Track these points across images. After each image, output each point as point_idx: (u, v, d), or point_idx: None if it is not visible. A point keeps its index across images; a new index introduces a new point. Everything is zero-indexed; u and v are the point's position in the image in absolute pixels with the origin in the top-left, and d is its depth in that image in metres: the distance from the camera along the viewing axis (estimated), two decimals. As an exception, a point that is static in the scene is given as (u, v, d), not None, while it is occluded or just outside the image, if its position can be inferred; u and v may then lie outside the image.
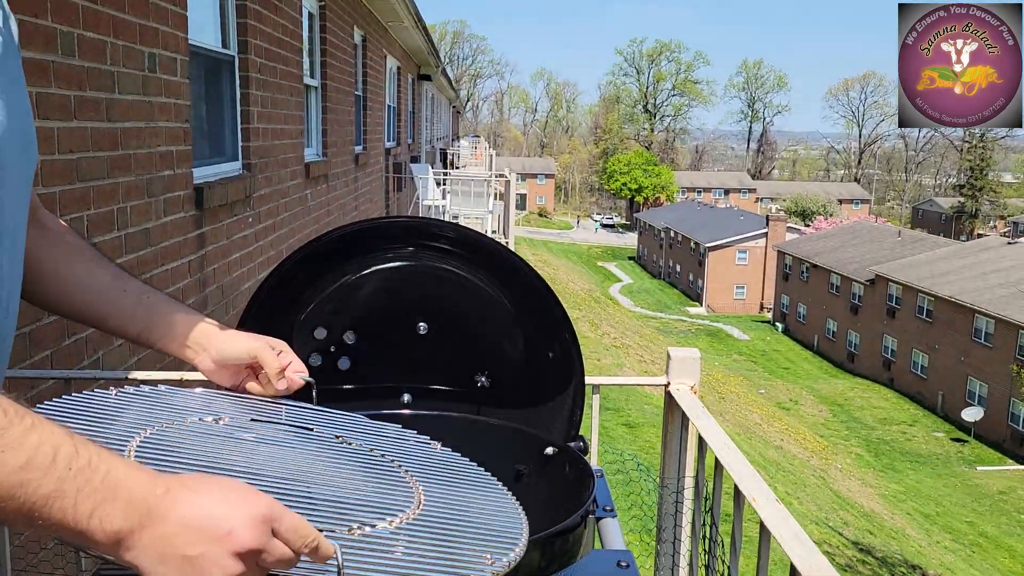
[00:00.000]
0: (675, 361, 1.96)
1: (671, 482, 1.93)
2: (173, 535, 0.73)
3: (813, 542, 1.26)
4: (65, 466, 0.70)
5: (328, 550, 0.81)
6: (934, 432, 31.07)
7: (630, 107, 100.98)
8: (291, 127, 6.09)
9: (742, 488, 1.43)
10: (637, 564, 1.80)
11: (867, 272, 38.71)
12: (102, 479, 0.72)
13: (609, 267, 65.68)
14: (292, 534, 0.78)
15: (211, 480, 0.79)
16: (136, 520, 0.73)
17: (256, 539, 0.76)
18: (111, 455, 0.75)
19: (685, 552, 1.93)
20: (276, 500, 0.79)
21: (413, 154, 16.20)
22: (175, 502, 0.75)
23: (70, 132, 2.73)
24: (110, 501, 0.72)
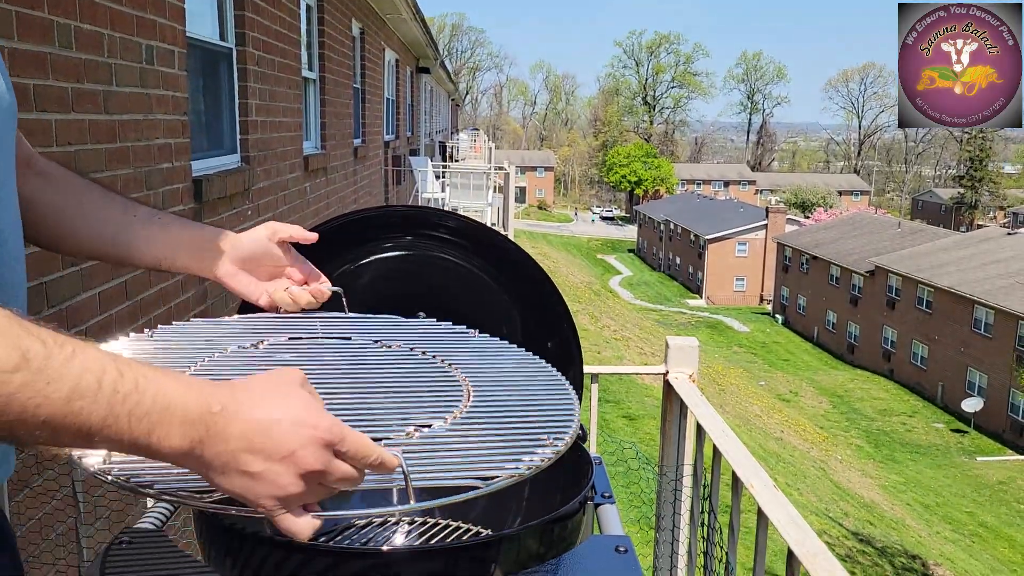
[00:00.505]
0: (673, 350, 1.96)
1: (670, 470, 1.94)
2: (234, 452, 0.73)
3: (810, 528, 1.26)
4: (112, 390, 0.68)
5: (392, 462, 0.80)
6: (934, 423, 31.13)
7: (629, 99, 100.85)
8: (290, 120, 6.08)
9: (740, 474, 1.43)
10: (636, 552, 1.81)
11: (867, 263, 38.72)
12: (152, 400, 0.70)
13: (609, 260, 65.67)
14: (355, 454, 0.77)
15: (270, 389, 0.77)
16: (196, 437, 0.72)
17: (319, 461, 0.75)
18: (159, 374, 0.73)
19: (684, 539, 1.94)
20: (337, 419, 0.77)
21: (412, 147, 16.19)
22: (233, 418, 0.73)
23: (68, 124, 2.73)
24: (165, 422, 0.71)
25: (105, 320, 2.96)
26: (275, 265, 1.25)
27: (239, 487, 0.75)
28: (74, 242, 1.18)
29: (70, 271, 2.70)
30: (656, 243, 63.70)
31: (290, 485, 0.75)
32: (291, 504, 0.77)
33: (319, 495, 0.78)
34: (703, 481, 1.79)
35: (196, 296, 4.08)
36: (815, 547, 1.16)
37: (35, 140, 2.53)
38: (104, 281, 2.97)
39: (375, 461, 0.79)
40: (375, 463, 0.79)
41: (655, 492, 2.25)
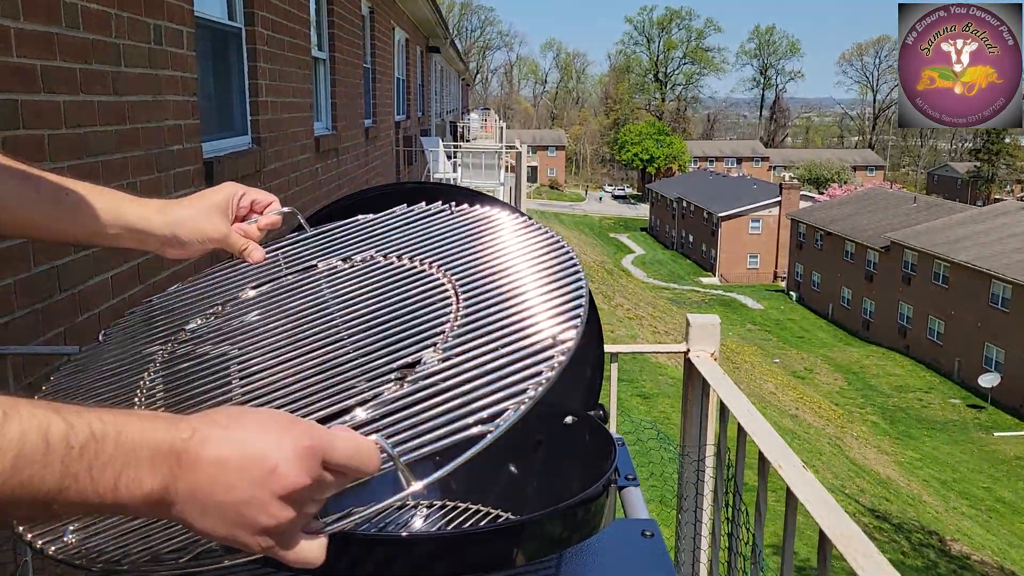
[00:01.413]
0: (695, 327, 1.92)
1: (692, 451, 1.90)
2: (210, 481, 0.64)
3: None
4: (64, 446, 0.59)
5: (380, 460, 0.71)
6: (950, 399, 30.98)
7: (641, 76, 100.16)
8: (300, 100, 6.04)
9: (767, 455, 1.40)
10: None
11: (882, 239, 38.42)
12: (114, 444, 0.61)
13: (621, 239, 65.49)
14: (345, 461, 0.68)
15: (243, 412, 0.69)
16: (167, 473, 0.63)
17: (304, 477, 0.65)
18: (116, 414, 0.64)
19: (707, 521, 1.91)
20: (320, 427, 0.69)
21: (423, 127, 16.12)
22: (205, 442, 0.64)
23: (78, 106, 2.70)
24: (132, 464, 0.62)
25: (118, 304, 2.94)
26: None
27: (224, 526, 0.65)
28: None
29: (82, 255, 2.68)
30: (669, 221, 63.42)
31: (278, 511, 0.65)
32: (287, 534, 0.67)
33: (313, 511, 0.69)
34: (727, 462, 1.75)
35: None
36: (849, 529, 1.13)
37: (44, 122, 2.51)
38: (116, 265, 2.96)
39: (368, 466, 0.70)
40: (368, 469, 0.70)
41: (674, 472, 2.22)
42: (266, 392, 0.93)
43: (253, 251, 1.12)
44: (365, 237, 1.16)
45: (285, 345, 0.97)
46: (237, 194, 1.13)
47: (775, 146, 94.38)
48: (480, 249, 1.05)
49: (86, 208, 1.05)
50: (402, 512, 1.50)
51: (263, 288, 1.13)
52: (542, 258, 1.00)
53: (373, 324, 0.94)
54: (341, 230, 1.19)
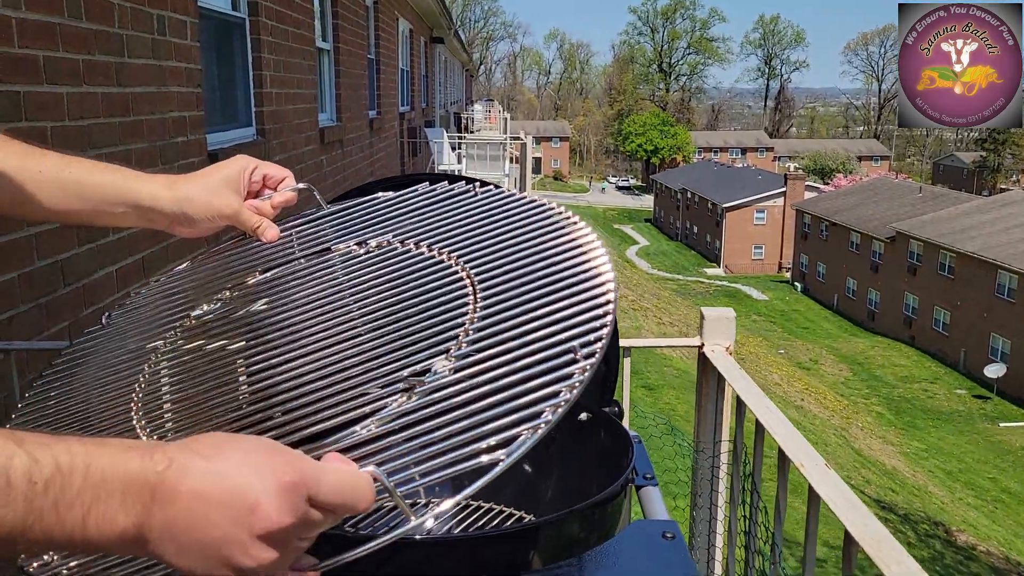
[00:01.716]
0: (709, 321, 1.89)
1: (707, 446, 1.87)
2: (187, 515, 0.59)
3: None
4: (27, 482, 0.55)
5: (373, 495, 0.65)
6: (956, 389, 30.90)
7: (645, 67, 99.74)
8: (305, 92, 6.00)
9: (788, 453, 1.36)
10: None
11: (888, 229, 38.27)
12: (83, 477, 0.57)
13: (625, 229, 65.36)
14: (334, 496, 0.63)
15: (225, 440, 0.63)
16: (141, 509, 0.58)
17: (288, 516, 0.60)
18: (86, 444, 0.59)
19: (723, 518, 1.88)
20: (307, 459, 0.63)
21: (427, 119, 16.06)
22: (183, 474, 0.59)
23: (80, 98, 2.67)
24: (103, 498, 0.57)
25: (123, 298, 2.91)
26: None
27: (204, 565, 0.60)
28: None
29: (85, 248, 2.65)
30: (673, 212, 63.27)
31: (260, 552, 0.60)
32: (270, 573, 0.62)
33: (300, 550, 0.64)
34: (743, 458, 1.72)
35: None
36: (877, 532, 1.09)
37: (47, 114, 2.47)
38: (121, 258, 2.93)
39: (360, 503, 0.65)
40: (361, 506, 0.65)
41: (684, 467, 2.18)
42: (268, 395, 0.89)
43: (266, 229, 1.06)
44: (384, 218, 1.09)
45: (292, 341, 0.93)
46: (249, 168, 1.07)
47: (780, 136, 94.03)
48: (504, 240, 0.98)
49: (90, 186, 1.00)
50: (411, 511, 1.47)
51: (273, 272, 1.07)
52: (570, 254, 0.93)
53: (384, 323, 0.89)
54: (359, 209, 1.13)
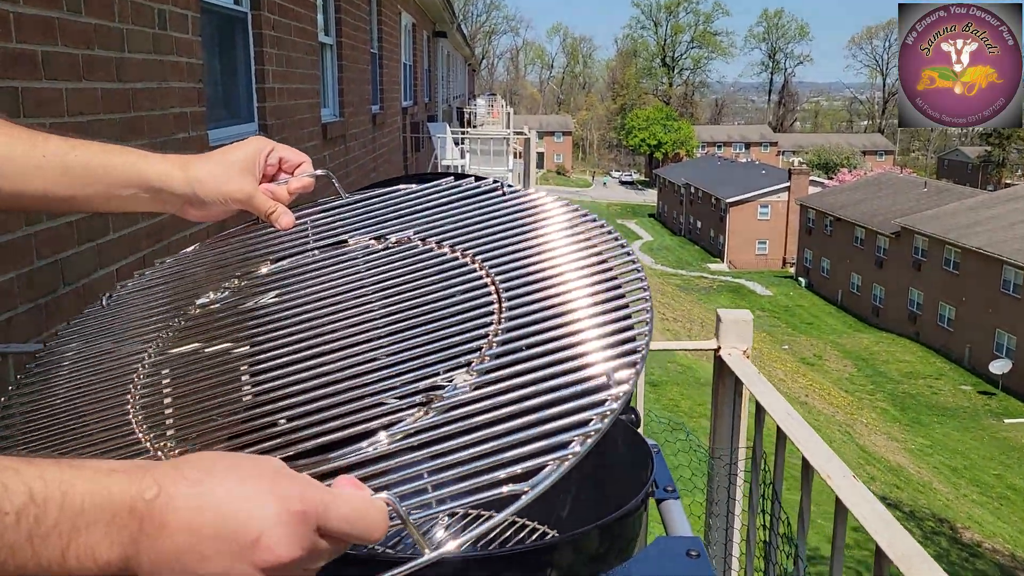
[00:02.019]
0: (726, 324, 1.83)
1: (724, 453, 1.82)
2: (177, 550, 0.54)
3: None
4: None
5: (383, 527, 0.60)
6: (961, 385, 30.82)
7: (648, 61, 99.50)
8: (307, 87, 5.94)
9: (813, 463, 1.31)
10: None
11: (892, 225, 38.14)
12: (58, 509, 0.51)
13: (629, 225, 65.26)
14: (345, 528, 0.58)
15: (220, 461, 0.57)
16: (127, 540, 0.53)
17: (295, 549, 0.55)
18: (63, 468, 0.53)
19: (739, 526, 1.82)
20: (315, 484, 0.58)
21: (430, 113, 15.99)
22: (173, 503, 0.54)
23: (79, 93, 2.61)
24: (82, 531, 0.52)
25: (124, 297, 2.86)
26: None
27: None
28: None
29: (86, 247, 2.61)
30: (677, 207, 63.15)
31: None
32: None
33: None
34: (763, 466, 1.66)
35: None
36: (910, 547, 1.04)
37: (46, 110, 2.42)
38: (121, 256, 2.88)
39: (374, 533, 0.59)
40: (374, 536, 0.60)
41: (693, 464, 2.13)
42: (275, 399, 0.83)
43: (281, 215, 1.01)
44: (405, 213, 1.04)
45: (302, 341, 0.87)
46: (265, 150, 1.01)
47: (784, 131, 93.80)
48: (532, 245, 0.92)
49: (97, 168, 0.93)
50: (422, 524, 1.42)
51: (285, 263, 1.02)
52: (602, 265, 0.88)
53: (402, 327, 0.83)
54: (379, 201, 1.07)
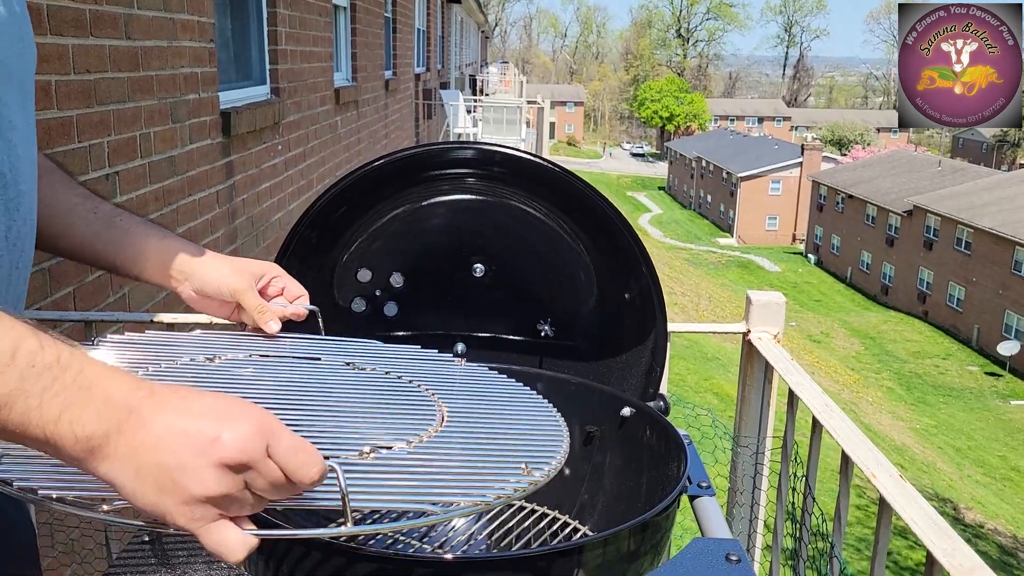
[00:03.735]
0: (756, 306, 1.76)
1: (750, 441, 1.75)
2: (153, 443, 0.63)
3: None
4: (27, 363, 0.61)
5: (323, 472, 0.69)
6: (968, 366, 30.72)
7: (662, 31, 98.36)
8: (320, 50, 5.82)
9: (855, 459, 1.24)
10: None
11: (905, 203, 37.81)
12: (74, 377, 0.62)
13: (639, 197, 64.90)
14: (291, 455, 0.67)
15: (204, 391, 0.69)
16: (113, 423, 0.63)
17: (246, 451, 0.64)
18: (86, 355, 0.65)
19: (762, 517, 1.76)
20: (275, 418, 0.69)
21: (443, 80, 15.80)
22: (160, 405, 0.65)
23: (86, 50, 2.52)
24: (83, 402, 0.62)
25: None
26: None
27: (154, 491, 0.64)
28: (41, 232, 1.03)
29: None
30: (687, 181, 62.73)
31: (212, 481, 0.64)
32: (213, 511, 0.66)
33: (245, 504, 0.68)
34: (792, 456, 1.59)
35: (224, 238, 3.91)
36: (970, 560, 0.96)
37: (50, 67, 2.33)
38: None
39: (312, 470, 0.68)
40: (313, 475, 0.68)
41: (701, 440, 2.06)
42: None
43: (269, 318, 1.12)
44: (375, 354, 1.16)
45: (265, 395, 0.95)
46: (273, 274, 1.15)
47: (797, 106, 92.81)
48: (479, 391, 1.07)
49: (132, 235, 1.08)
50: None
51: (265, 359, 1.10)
52: (533, 411, 1.04)
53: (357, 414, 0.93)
54: (356, 342, 1.20)
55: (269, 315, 1.12)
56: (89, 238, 1.06)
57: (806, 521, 1.44)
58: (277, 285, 1.15)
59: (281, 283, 1.15)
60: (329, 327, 1.27)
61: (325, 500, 0.72)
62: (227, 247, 3.92)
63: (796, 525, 1.51)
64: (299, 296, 1.16)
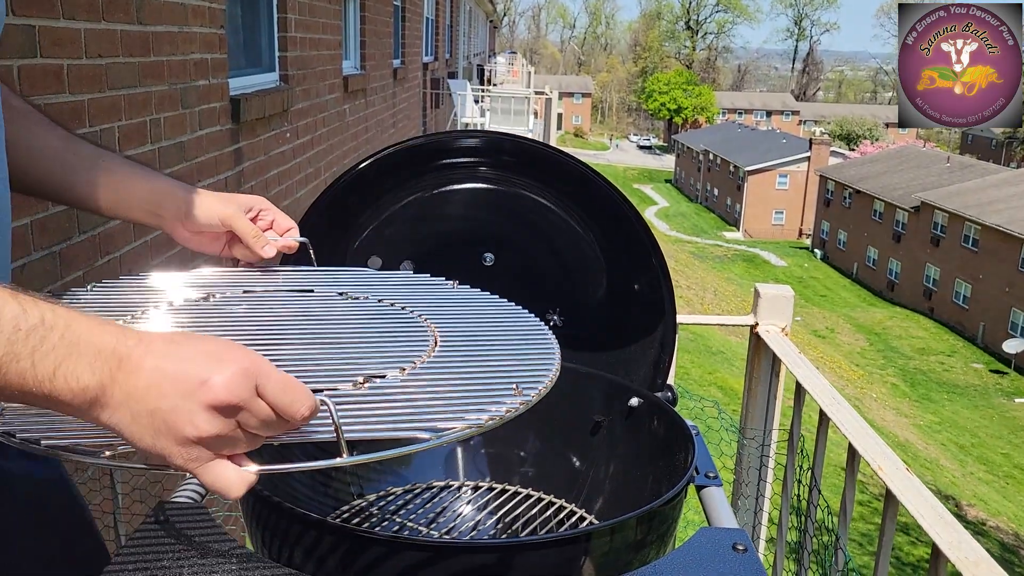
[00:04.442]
0: (764, 300, 1.76)
1: (756, 434, 1.75)
2: (145, 387, 0.65)
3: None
4: (12, 327, 0.62)
5: (317, 407, 0.71)
6: (973, 363, 30.65)
7: (671, 23, 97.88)
8: (329, 37, 5.82)
9: (862, 452, 1.24)
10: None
11: (912, 199, 37.65)
12: (61, 335, 0.64)
13: (645, 190, 64.76)
14: (280, 394, 0.69)
15: (192, 335, 0.71)
16: (107, 373, 0.65)
17: (235, 393, 0.66)
18: (69, 310, 0.66)
19: (767, 509, 1.77)
20: (263, 359, 0.70)
21: (451, 70, 15.76)
22: (149, 351, 0.67)
23: (98, 35, 2.53)
24: (74, 356, 0.64)
25: (139, 247, 2.81)
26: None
27: (151, 435, 0.66)
28: (18, 177, 1.01)
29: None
30: (694, 174, 62.55)
31: (203, 423, 0.66)
32: (209, 450, 0.68)
33: (240, 443, 0.70)
34: (799, 448, 1.60)
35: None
36: (976, 553, 0.97)
37: (64, 51, 2.34)
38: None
39: (304, 407, 0.70)
40: (303, 411, 0.70)
41: (705, 429, 2.07)
42: None
43: (264, 244, 1.12)
44: (368, 282, 1.17)
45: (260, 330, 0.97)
46: (262, 206, 1.15)
47: (806, 100, 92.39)
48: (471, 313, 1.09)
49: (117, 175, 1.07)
50: (448, 496, 1.37)
51: (257, 291, 1.11)
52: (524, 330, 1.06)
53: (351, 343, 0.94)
54: (346, 272, 1.21)
55: (263, 239, 1.12)
56: (71, 180, 1.05)
57: (811, 513, 1.45)
58: (266, 218, 1.15)
59: (270, 216, 1.15)
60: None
61: (320, 433, 0.73)
62: (235, 234, 3.93)
63: (801, 518, 1.52)
64: (288, 228, 1.16)
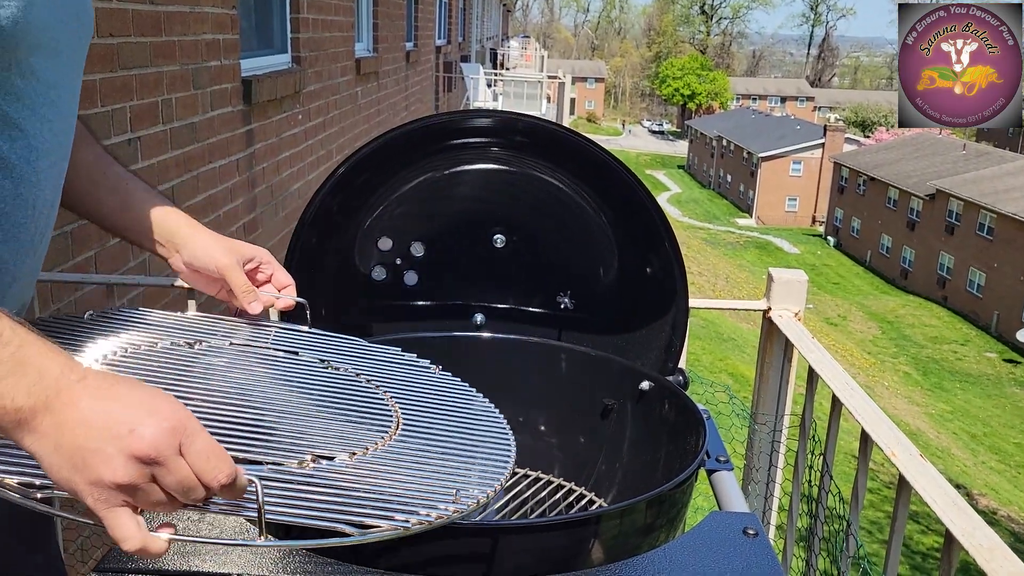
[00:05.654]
0: (778, 284, 1.74)
1: (768, 418, 1.74)
2: (74, 424, 0.66)
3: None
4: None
5: (244, 484, 0.70)
6: (986, 352, 30.46)
7: (686, 8, 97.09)
8: (341, 19, 5.79)
9: (876, 438, 1.23)
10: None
11: (927, 187, 37.34)
12: (12, 353, 0.66)
13: (658, 176, 64.47)
14: (201, 458, 0.68)
15: (136, 383, 0.72)
16: (41, 399, 0.66)
17: (157, 447, 0.66)
18: (28, 333, 0.69)
19: (778, 495, 1.76)
20: (196, 419, 0.70)
21: (463, 53, 15.69)
22: (88, 390, 0.68)
23: (110, 13, 2.52)
24: (17, 375, 0.66)
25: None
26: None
27: (67, 468, 0.67)
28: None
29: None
30: (707, 160, 62.21)
31: (121, 469, 0.66)
32: (118, 497, 0.67)
33: (153, 497, 0.69)
34: (810, 434, 1.59)
35: (243, 206, 3.92)
36: (990, 540, 0.96)
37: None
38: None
39: (223, 475, 0.69)
40: (222, 479, 0.69)
41: (716, 414, 2.06)
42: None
43: (253, 300, 1.12)
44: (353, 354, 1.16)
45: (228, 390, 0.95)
46: (263, 259, 1.15)
47: (821, 86, 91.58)
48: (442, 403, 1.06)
49: (137, 200, 1.11)
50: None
51: (241, 343, 1.10)
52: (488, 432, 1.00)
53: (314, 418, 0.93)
54: (340, 339, 1.20)
55: (252, 296, 1.12)
56: (94, 198, 1.09)
57: (822, 499, 1.44)
58: (266, 271, 1.16)
59: (270, 270, 1.16)
60: (351, 297, 1.27)
61: (246, 510, 0.71)
62: (247, 216, 3.93)
63: (812, 503, 1.51)
64: (287, 285, 1.17)
